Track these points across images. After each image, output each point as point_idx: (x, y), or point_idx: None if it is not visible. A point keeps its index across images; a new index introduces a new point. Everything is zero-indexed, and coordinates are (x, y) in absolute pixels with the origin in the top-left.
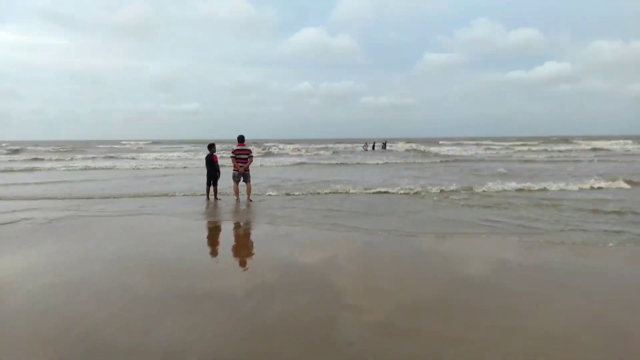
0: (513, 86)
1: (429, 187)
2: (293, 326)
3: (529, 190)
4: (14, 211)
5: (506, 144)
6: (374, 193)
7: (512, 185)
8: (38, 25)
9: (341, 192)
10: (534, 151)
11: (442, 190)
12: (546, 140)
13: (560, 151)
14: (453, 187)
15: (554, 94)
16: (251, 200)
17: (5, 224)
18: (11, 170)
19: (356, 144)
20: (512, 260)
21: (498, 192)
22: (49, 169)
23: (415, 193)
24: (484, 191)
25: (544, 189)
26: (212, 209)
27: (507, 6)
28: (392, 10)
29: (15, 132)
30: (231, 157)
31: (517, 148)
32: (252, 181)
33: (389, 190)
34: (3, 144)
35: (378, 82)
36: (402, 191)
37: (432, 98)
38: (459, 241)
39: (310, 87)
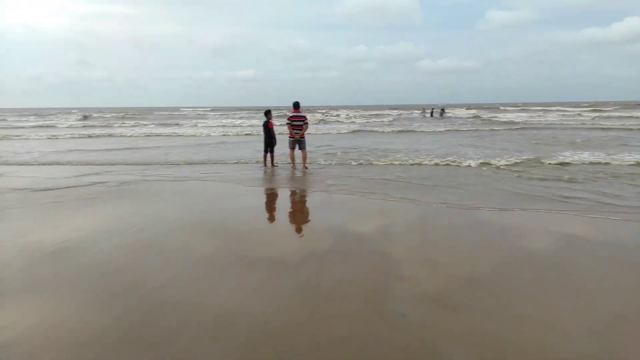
0: (587, 45)
1: (492, 158)
2: (346, 295)
3: (605, 164)
4: (87, 174)
5: (578, 109)
6: (433, 165)
7: (585, 156)
8: None
9: (396, 163)
10: (609, 117)
11: (506, 163)
12: (625, 105)
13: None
14: (519, 158)
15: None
16: (306, 168)
17: (78, 186)
18: (86, 136)
19: (413, 111)
20: (580, 236)
21: (571, 163)
22: (118, 135)
23: (482, 164)
24: (554, 163)
25: (621, 162)
26: (269, 176)
27: None
28: None
29: (86, 99)
30: (286, 124)
31: (591, 114)
32: (307, 148)
33: (449, 162)
34: (73, 111)
35: (437, 44)
36: (463, 162)
37: (495, 60)
38: (526, 216)
39: (366, 51)
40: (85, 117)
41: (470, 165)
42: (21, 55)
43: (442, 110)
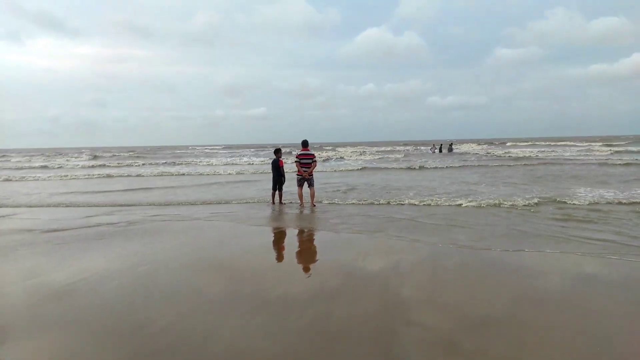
0: (595, 81)
1: (503, 198)
2: (353, 337)
3: (628, 203)
4: (95, 215)
5: (588, 144)
6: (445, 205)
7: (603, 194)
8: (119, 38)
9: (404, 203)
10: (626, 151)
11: (516, 203)
12: (637, 139)
13: None
14: (535, 196)
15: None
16: (315, 206)
17: (86, 227)
18: (95, 177)
19: (421, 146)
20: (595, 277)
21: (590, 203)
22: (126, 175)
23: (494, 205)
24: (572, 203)
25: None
26: (277, 215)
27: None
28: (457, 5)
29: (101, 138)
30: (295, 162)
31: (604, 149)
32: (315, 186)
33: (461, 203)
34: (83, 150)
35: (445, 81)
36: (473, 203)
37: (504, 96)
38: (542, 257)
39: (375, 89)
40: (95, 157)
41: (481, 206)
42: (40, 97)
43: (451, 145)
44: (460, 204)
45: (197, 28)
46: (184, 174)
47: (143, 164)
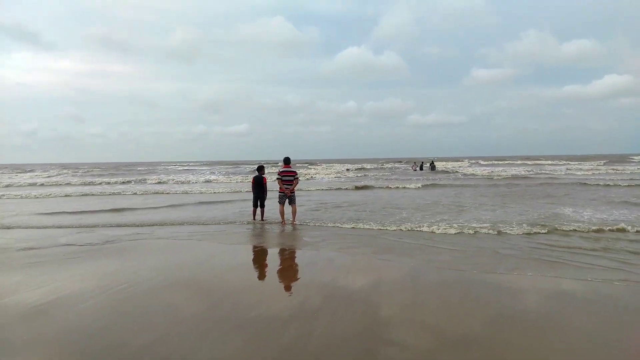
0: (570, 101)
1: (499, 223)
2: (334, 357)
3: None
4: (68, 234)
5: (565, 163)
6: (438, 233)
7: (599, 215)
8: (95, 53)
9: (390, 229)
10: (601, 172)
11: (518, 231)
12: (607, 158)
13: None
14: (529, 221)
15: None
16: (296, 223)
17: (60, 245)
18: (70, 195)
19: (400, 164)
20: (574, 296)
21: (589, 231)
22: (98, 194)
23: (486, 233)
24: (569, 229)
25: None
26: (258, 232)
27: (558, 17)
28: (434, 25)
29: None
30: (277, 179)
31: (580, 167)
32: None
33: (448, 231)
34: (53, 167)
35: (425, 99)
36: (462, 230)
37: (482, 115)
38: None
39: (356, 107)
40: (71, 173)
41: (473, 234)
42: (15, 112)
43: (432, 163)
44: (447, 233)
45: (176, 44)
46: (166, 193)
47: (124, 182)
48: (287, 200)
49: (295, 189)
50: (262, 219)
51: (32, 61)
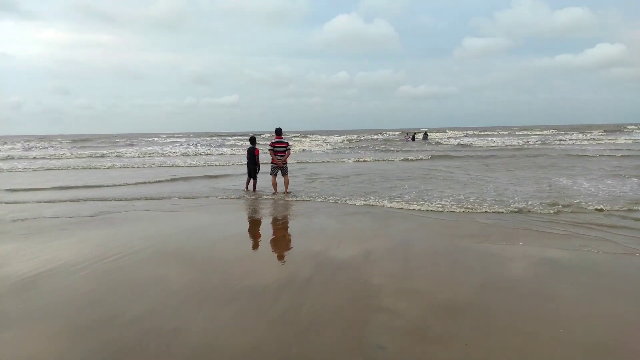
0: (562, 71)
1: (497, 200)
2: (325, 327)
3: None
4: (56, 201)
5: (553, 133)
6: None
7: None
8: (78, 23)
9: (379, 205)
10: (600, 142)
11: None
12: (607, 127)
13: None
14: (539, 202)
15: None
16: (289, 193)
17: (53, 217)
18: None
19: (385, 133)
20: (562, 264)
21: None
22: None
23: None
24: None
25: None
26: (250, 203)
27: None
28: None
29: (67, 126)
30: (269, 150)
31: (574, 137)
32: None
33: (452, 209)
34: (60, 138)
35: (416, 70)
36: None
37: (474, 86)
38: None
39: (347, 77)
40: (78, 145)
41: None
42: None
43: (425, 134)
44: (454, 211)
45: (161, 13)
46: (157, 166)
47: (116, 155)
48: (279, 172)
49: (287, 159)
50: (254, 190)
51: (10, 31)
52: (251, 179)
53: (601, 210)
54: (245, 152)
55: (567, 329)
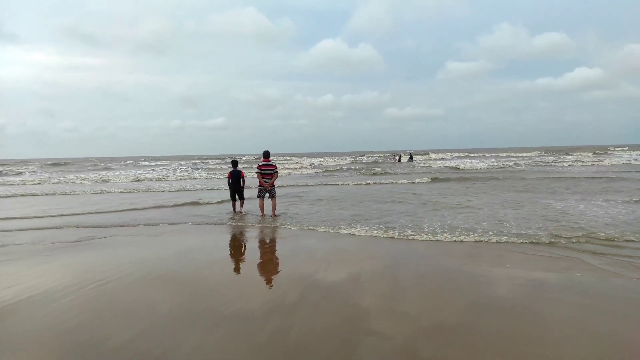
0: (543, 94)
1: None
2: (313, 350)
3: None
4: (36, 229)
5: (541, 155)
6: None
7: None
8: (62, 45)
9: (388, 235)
10: (591, 164)
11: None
12: (589, 150)
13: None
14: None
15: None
16: (276, 216)
17: (31, 244)
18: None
19: (380, 155)
20: (547, 283)
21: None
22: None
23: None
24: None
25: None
26: (237, 227)
27: (529, 11)
28: (407, 19)
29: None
30: (256, 172)
31: (561, 158)
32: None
33: (454, 238)
34: (36, 162)
35: (401, 92)
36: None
37: (458, 108)
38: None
39: (334, 100)
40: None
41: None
42: None
43: (410, 156)
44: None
45: (146, 36)
46: (139, 191)
47: (101, 179)
48: (267, 194)
49: (274, 182)
50: (241, 208)
51: None
52: (235, 201)
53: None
54: (228, 174)
55: (556, 349)
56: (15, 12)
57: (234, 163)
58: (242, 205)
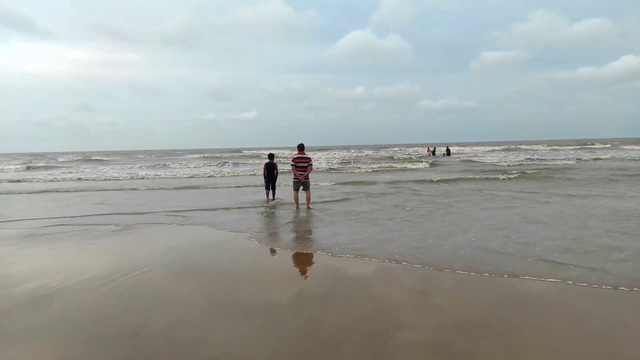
0: (586, 84)
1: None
2: (344, 341)
3: None
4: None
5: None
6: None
7: None
8: (93, 41)
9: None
10: None
11: None
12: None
13: None
14: None
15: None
16: (310, 209)
17: (80, 226)
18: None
19: (414, 148)
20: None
21: None
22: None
23: None
24: None
25: None
26: (272, 218)
27: None
28: (433, 8)
29: (93, 143)
30: (291, 165)
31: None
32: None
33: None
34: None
35: (434, 84)
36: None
37: (494, 99)
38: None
39: (364, 92)
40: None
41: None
42: (22, 101)
43: (447, 149)
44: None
45: (172, 30)
46: (175, 177)
47: (139, 167)
48: (301, 187)
49: (309, 175)
50: (273, 199)
51: (30, 50)
52: (270, 190)
53: None
54: (264, 166)
55: (594, 346)
56: (48, 9)
57: (271, 156)
58: (274, 194)
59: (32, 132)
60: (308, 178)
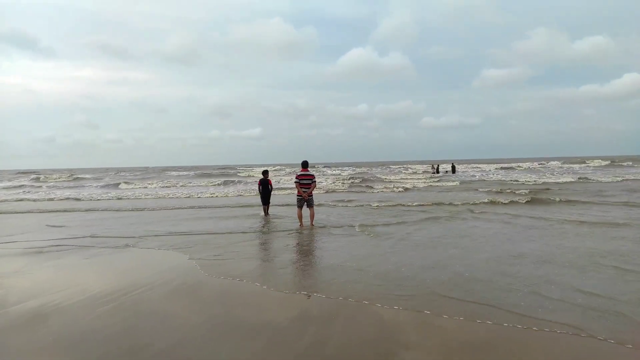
0: (589, 101)
1: None
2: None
3: None
4: (68, 237)
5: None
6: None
7: None
8: (96, 59)
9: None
10: None
11: None
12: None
13: None
14: None
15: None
16: (314, 226)
17: (74, 246)
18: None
19: (416, 165)
20: None
21: None
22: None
23: None
24: None
25: None
26: (273, 236)
27: (564, 14)
28: (436, 25)
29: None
30: (295, 182)
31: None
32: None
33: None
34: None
35: (436, 101)
36: None
37: (496, 116)
38: None
39: (367, 109)
40: (38, 179)
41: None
42: (27, 119)
43: (453, 167)
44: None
45: (173, 48)
46: (175, 197)
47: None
48: (305, 204)
49: (312, 192)
50: (267, 214)
51: (32, 68)
52: (265, 205)
53: None
54: (258, 182)
55: None
56: (50, 29)
57: (265, 173)
58: (268, 209)
59: (38, 149)
60: (312, 195)
